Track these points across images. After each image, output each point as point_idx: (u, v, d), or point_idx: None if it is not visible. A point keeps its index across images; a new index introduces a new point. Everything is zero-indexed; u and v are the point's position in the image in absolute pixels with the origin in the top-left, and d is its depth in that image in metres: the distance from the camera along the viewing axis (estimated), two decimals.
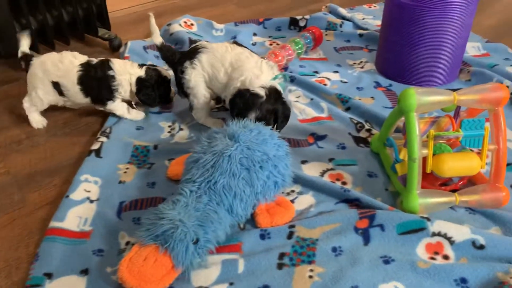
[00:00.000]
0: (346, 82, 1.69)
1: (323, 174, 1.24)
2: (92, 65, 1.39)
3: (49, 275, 0.94)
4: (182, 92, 1.41)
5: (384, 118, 1.33)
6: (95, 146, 1.30)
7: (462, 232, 1.00)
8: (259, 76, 1.26)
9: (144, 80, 1.41)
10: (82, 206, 1.11)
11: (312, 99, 1.55)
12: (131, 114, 1.45)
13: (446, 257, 0.98)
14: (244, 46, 1.40)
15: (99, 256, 0.99)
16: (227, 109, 1.40)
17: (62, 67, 1.37)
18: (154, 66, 1.46)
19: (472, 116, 1.21)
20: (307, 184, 1.18)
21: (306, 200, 1.15)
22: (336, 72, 1.76)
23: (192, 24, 2.05)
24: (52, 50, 1.78)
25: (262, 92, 1.23)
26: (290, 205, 1.11)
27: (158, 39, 1.41)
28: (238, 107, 1.25)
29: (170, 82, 1.46)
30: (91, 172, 1.21)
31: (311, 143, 1.36)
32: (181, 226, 0.91)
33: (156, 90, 1.42)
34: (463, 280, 0.91)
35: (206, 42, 1.42)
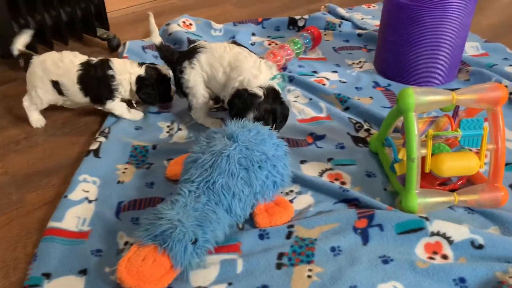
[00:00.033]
0: (345, 82, 1.69)
1: (322, 174, 1.23)
2: (92, 64, 1.39)
3: (47, 275, 0.94)
4: (181, 91, 1.41)
5: (382, 118, 1.33)
6: (94, 146, 1.30)
7: (461, 232, 1.00)
8: (258, 76, 1.26)
9: (144, 78, 1.40)
10: (81, 206, 1.11)
11: (311, 99, 1.55)
12: (129, 114, 1.45)
13: (445, 256, 0.98)
14: (243, 46, 1.40)
15: (98, 256, 0.99)
16: (225, 109, 1.40)
17: (62, 66, 1.37)
18: (154, 65, 1.46)
19: (471, 115, 1.21)
20: (306, 184, 1.18)
21: (305, 200, 1.15)
22: (335, 72, 1.76)
23: (190, 24, 2.05)
24: (51, 50, 1.77)
25: (260, 92, 1.23)
26: (289, 205, 1.11)
27: (157, 39, 1.41)
28: (236, 107, 1.24)
29: (170, 81, 1.46)
30: (90, 172, 1.21)
31: (310, 143, 1.36)
32: (179, 226, 0.91)
33: (156, 88, 1.42)
34: (462, 280, 0.91)
35: (205, 42, 1.42)
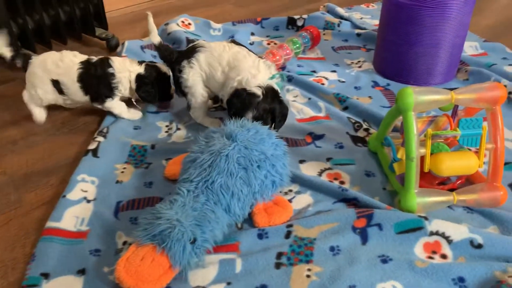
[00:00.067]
0: (344, 82, 1.69)
1: (321, 174, 1.23)
2: (92, 63, 1.39)
3: (45, 275, 0.94)
4: (180, 91, 1.41)
5: (381, 118, 1.33)
6: (92, 146, 1.30)
7: (460, 231, 1.00)
8: (256, 75, 1.26)
9: (144, 77, 1.40)
10: (79, 206, 1.11)
11: (309, 98, 1.55)
12: (128, 113, 1.45)
13: (444, 256, 0.98)
14: (242, 45, 1.40)
15: (96, 256, 0.99)
16: (224, 108, 1.40)
17: (63, 65, 1.37)
18: (153, 63, 1.46)
19: (470, 115, 1.21)
20: (305, 183, 1.18)
21: (304, 199, 1.15)
22: (334, 71, 1.76)
23: (189, 23, 2.05)
24: (50, 50, 1.77)
25: (258, 91, 1.22)
26: (288, 204, 1.11)
27: (156, 38, 1.41)
28: (235, 107, 1.24)
29: (170, 79, 1.45)
30: (88, 172, 1.21)
31: (309, 142, 1.36)
32: (178, 226, 0.91)
33: (156, 86, 1.42)
34: (461, 279, 0.91)
35: (204, 41, 1.42)
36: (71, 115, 1.50)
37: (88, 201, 1.13)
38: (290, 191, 1.17)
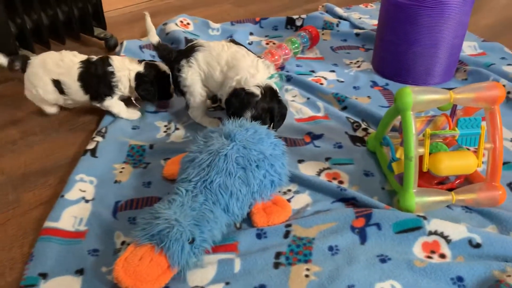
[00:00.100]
0: (342, 82, 1.69)
1: (319, 173, 1.23)
2: (92, 62, 1.39)
3: (44, 275, 0.93)
4: (178, 90, 1.41)
5: (380, 117, 1.33)
6: (91, 146, 1.29)
7: (458, 231, 1.00)
8: (255, 75, 1.26)
9: (143, 75, 1.41)
10: (77, 206, 1.11)
11: (308, 98, 1.55)
12: (127, 113, 1.45)
13: (442, 255, 0.98)
14: (241, 45, 1.40)
15: (95, 256, 0.99)
16: (223, 108, 1.40)
17: (63, 65, 1.37)
18: (153, 62, 1.46)
19: (469, 114, 1.21)
20: (303, 183, 1.18)
21: (303, 199, 1.15)
22: (333, 71, 1.76)
23: (188, 23, 2.05)
24: (48, 49, 1.77)
25: (257, 91, 1.22)
26: (287, 204, 1.11)
27: (154, 38, 1.41)
28: (234, 106, 1.24)
29: (169, 77, 1.45)
30: (87, 171, 1.21)
31: (307, 142, 1.35)
32: (176, 226, 0.91)
33: (155, 85, 1.42)
34: (460, 279, 0.91)
35: (203, 41, 1.41)
36: (69, 115, 1.50)
37: (87, 201, 1.13)
38: (289, 190, 1.17)
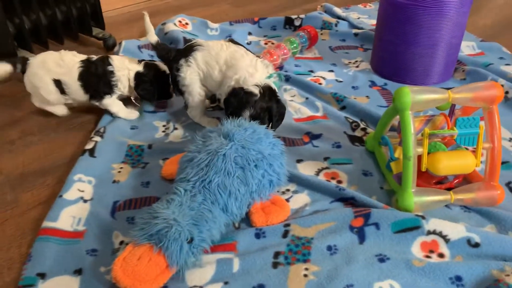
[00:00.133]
0: (341, 81, 1.69)
1: (318, 173, 1.23)
2: (93, 61, 1.40)
3: (42, 275, 0.93)
4: (177, 89, 1.41)
5: (379, 117, 1.33)
6: (89, 146, 1.29)
7: (457, 230, 1.00)
8: (254, 74, 1.26)
9: (143, 75, 1.41)
10: (76, 206, 1.10)
11: (307, 98, 1.55)
12: (125, 113, 1.44)
13: (441, 255, 0.98)
14: (240, 44, 1.40)
15: (93, 256, 0.98)
16: (222, 108, 1.40)
17: (64, 64, 1.37)
18: (153, 61, 1.46)
19: (467, 114, 1.21)
20: (302, 183, 1.18)
21: (301, 199, 1.15)
22: (331, 71, 1.76)
23: (187, 23, 2.05)
24: (46, 49, 1.77)
25: (256, 90, 1.22)
26: (285, 204, 1.11)
27: (153, 38, 1.41)
28: (232, 106, 1.24)
29: (169, 77, 1.45)
30: (85, 171, 1.21)
31: (306, 142, 1.35)
32: (175, 225, 0.90)
33: (154, 84, 1.43)
34: (458, 278, 0.91)
35: (202, 40, 1.41)
36: (68, 114, 1.50)
37: (85, 201, 1.12)
38: (288, 190, 1.17)
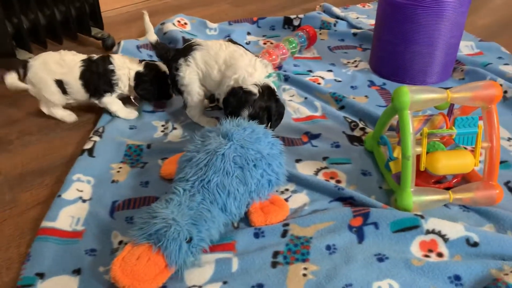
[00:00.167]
0: (340, 81, 1.69)
1: (317, 173, 1.23)
2: (94, 60, 1.40)
3: (41, 275, 0.93)
4: (176, 89, 1.41)
5: (378, 117, 1.33)
6: (88, 146, 1.29)
7: (456, 230, 1.00)
8: (253, 74, 1.26)
9: (143, 74, 1.41)
10: (75, 206, 1.10)
11: (306, 98, 1.55)
12: (124, 112, 1.44)
13: (440, 254, 0.98)
14: (239, 44, 1.40)
15: (92, 256, 0.98)
16: (220, 108, 1.40)
17: (65, 64, 1.37)
18: (154, 62, 1.46)
19: (466, 114, 1.21)
20: (301, 182, 1.18)
21: (300, 198, 1.15)
22: (330, 71, 1.76)
23: (185, 23, 2.05)
24: (45, 49, 1.77)
25: (255, 89, 1.22)
26: (284, 203, 1.11)
27: (152, 37, 1.41)
28: (231, 105, 1.24)
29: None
30: (84, 171, 1.20)
31: (305, 141, 1.35)
32: (174, 225, 0.90)
33: (154, 84, 1.43)
34: (457, 278, 0.91)
35: (201, 40, 1.41)
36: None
37: (84, 200, 1.12)
38: (287, 190, 1.17)
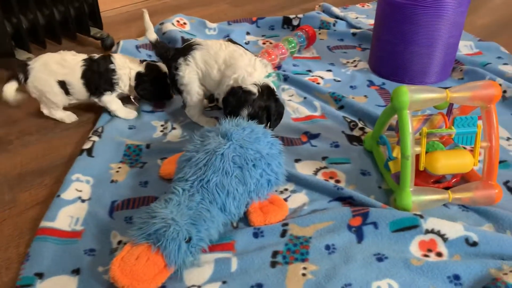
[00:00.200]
0: (339, 81, 1.69)
1: (316, 173, 1.23)
2: (95, 60, 1.40)
3: (40, 275, 0.93)
4: (175, 88, 1.41)
5: (377, 117, 1.33)
6: (87, 145, 1.29)
7: (455, 229, 1.00)
8: (252, 73, 1.26)
9: (143, 74, 1.42)
10: (74, 206, 1.10)
11: (305, 97, 1.55)
12: (124, 112, 1.44)
13: (439, 254, 0.98)
14: (238, 44, 1.40)
15: (91, 256, 0.98)
16: (220, 108, 1.40)
17: (67, 64, 1.37)
18: (154, 62, 1.46)
19: (465, 113, 1.21)
20: (300, 182, 1.18)
21: (300, 198, 1.15)
22: (330, 71, 1.76)
23: (185, 23, 2.05)
24: (44, 49, 1.77)
25: (254, 89, 1.22)
26: (284, 203, 1.11)
27: (152, 36, 1.41)
28: (231, 105, 1.24)
29: None
30: (83, 171, 1.20)
31: (304, 141, 1.35)
32: (173, 225, 0.90)
33: (155, 85, 1.43)
34: (456, 277, 0.91)
35: (201, 39, 1.41)
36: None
37: (83, 200, 1.12)
38: (286, 190, 1.17)
